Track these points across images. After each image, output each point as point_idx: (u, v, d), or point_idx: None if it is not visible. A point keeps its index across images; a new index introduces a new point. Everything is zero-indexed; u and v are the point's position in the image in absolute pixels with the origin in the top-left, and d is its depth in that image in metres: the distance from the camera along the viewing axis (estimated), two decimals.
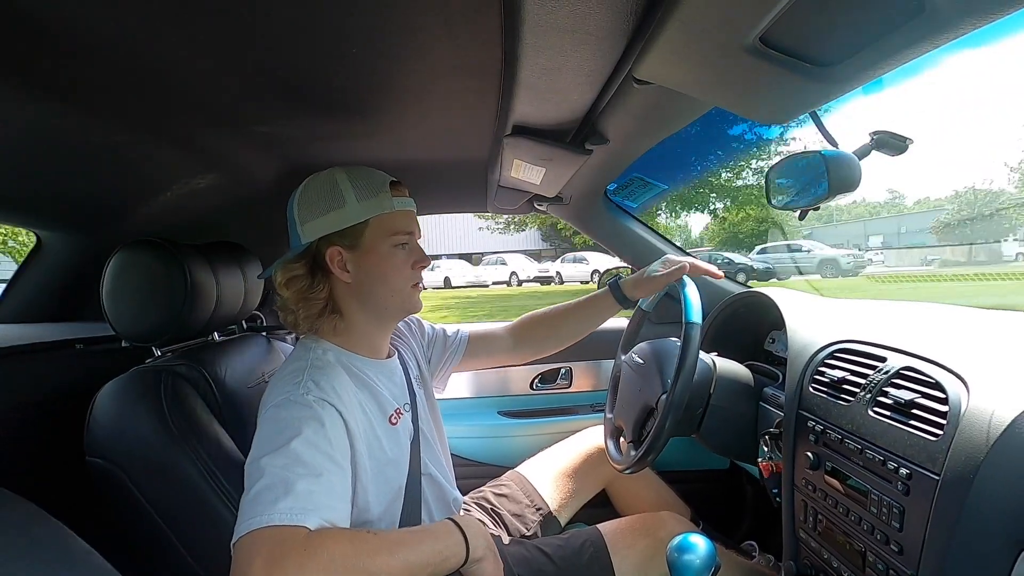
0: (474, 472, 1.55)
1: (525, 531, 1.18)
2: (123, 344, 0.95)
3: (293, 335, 1.53)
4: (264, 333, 1.28)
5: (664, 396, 0.96)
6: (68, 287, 1.29)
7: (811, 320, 0.98)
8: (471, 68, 0.76)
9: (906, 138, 0.76)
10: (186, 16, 0.60)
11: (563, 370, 1.71)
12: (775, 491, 0.92)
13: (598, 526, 1.08)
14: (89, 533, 0.56)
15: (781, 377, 1.04)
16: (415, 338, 1.14)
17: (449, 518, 0.79)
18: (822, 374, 0.84)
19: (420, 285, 0.94)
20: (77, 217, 1.17)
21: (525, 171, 1.09)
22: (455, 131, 1.04)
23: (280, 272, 0.87)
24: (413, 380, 1.02)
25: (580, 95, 0.78)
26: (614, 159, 1.14)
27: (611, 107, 0.82)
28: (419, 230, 0.94)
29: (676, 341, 0.99)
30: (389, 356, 0.98)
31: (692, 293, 0.98)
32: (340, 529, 0.67)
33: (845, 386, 0.79)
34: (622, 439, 1.18)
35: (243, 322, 1.25)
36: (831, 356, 0.86)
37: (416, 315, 1.03)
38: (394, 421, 0.89)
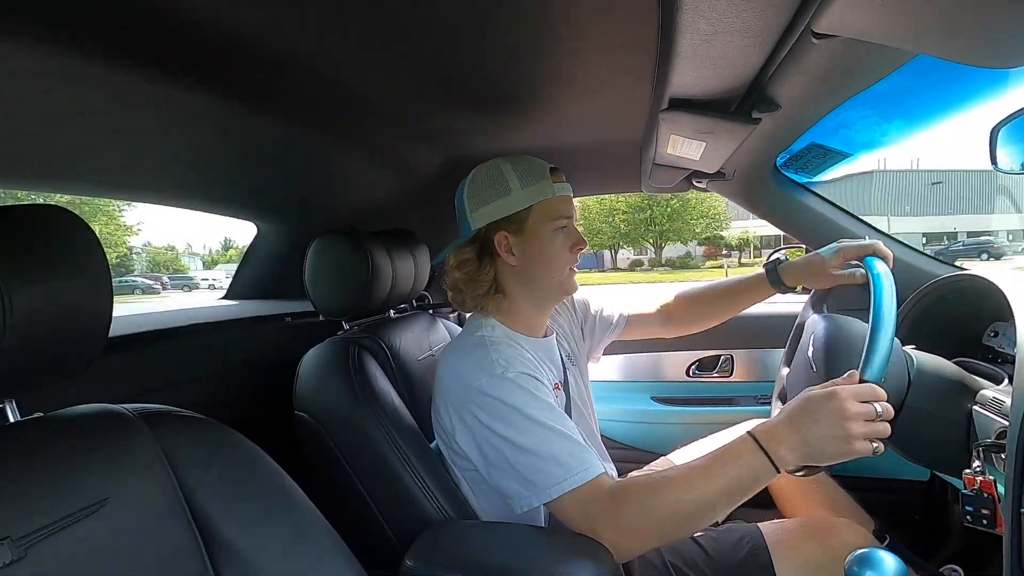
0: (624, 456, 1.54)
1: None
2: (321, 318, 1.12)
3: (456, 313, 1.67)
4: (431, 311, 1.41)
5: None
6: (280, 270, 1.55)
7: None
8: (626, 44, 0.74)
9: None
10: (366, 32, 0.68)
11: (724, 358, 1.61)
12: (969, 508, 0.77)
13: (759, 524, 1.00)
14: (297, 477, 0.68)
15: (1006, 378, 0.86)
16: (568, 317, 1.17)
17: (748, 432, 0.75)
18: None
19: (576, 268, 0.99)
20: (285, 210, 1.40)
21: (683, 147, 1.03)
22: (609, 111, 1.03)
23: (453, 255, 0.96)
24: (565, 359, 1.05)
25: (747, 59, 0.71)
26: (786, 127, 1.02)
27: (783, 69, 0.74)
28: (576, 213, 0.99)
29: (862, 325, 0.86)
30: (547, 335, 1.02)
31: (885, 275, 0.85)
32: (634, 479, 0.79)
33: None
34: None
35: (413, 301, 1.39)
36: None
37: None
38: (555, 396, 0.93)
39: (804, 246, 1.53)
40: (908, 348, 0.94)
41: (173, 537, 0.53)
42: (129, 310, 1.33)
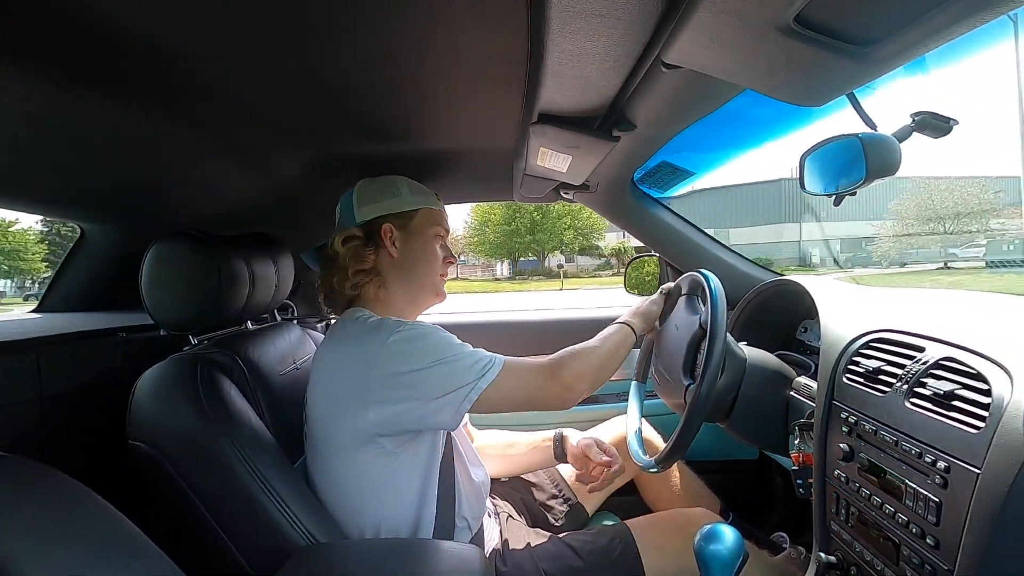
0: None
1: (552, 520, 1.19)
2: (162, 333, 0.98)
3: (324, 323, 1.57)
4: (296, 322, 1.31)
5: (690, 386, 0.95)
6: (111, 277, 1.34)
7: (845, 309, 0.96)
8: (497, 55, 0.75)
9: (950, 119, 0.73)
10: (220, 15, 0.62)
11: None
12: (799, 482, 0.90)
13: (628, 522, 1.07)
14: (134, 515, 0.59)
15: (813, 367, 1.01)
16: None
17: (621, 322, 1.07)
18: (856, 364, 0.82)
19: (446, 277, 1.08)
20: (117, 210, 1.21)
21: (551, 159, 1.08)
22: (481, 120, 1.04)
23: (339, 235, 1.00)
24: None
25: (607, 81, 0.77)
26: (641, 146, 1.12)
27: (639, 93, 0.81)
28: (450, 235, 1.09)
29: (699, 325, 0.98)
30: None
31: (717, 287, 0.97)
32: (559, 353, 0.97)
33: (881, 376, 0.77)
34: (646, 438, 1.18)
35: (275, 311, 1.29)
36: (866, 346, 0.83)
37: None
38: None
39: (656, 254, 1.68)
40: (741, 344, 1.07)
41: None
42: None
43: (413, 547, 0.85)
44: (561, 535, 1.06)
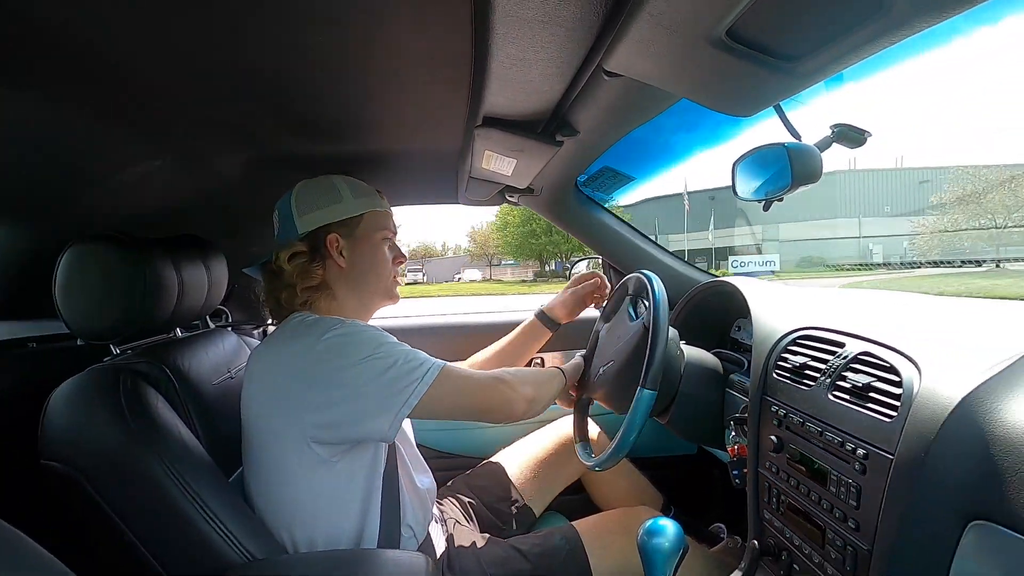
0: (449, 464, 1.56)
1: (500, 523, 1.19)
2: (79, 342, 0.91)
3: (261, 330, 1.51)
4: (231, 328, 1.25)
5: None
6: (21, 282, 1.23)
7: (775, 308, 1.01)
8: (441, 57, 0.75)
9: (864, 131, 0.79)
10: (146, 4, 0.58)
11: (534, 360, 1.72)
12: (735, 473, 0.95)
13: (575, 524, 1.09)
14: (49, 540, 0.54)
15: (746, 364, 1.07)
16: None
17: (557, 368, 1.14)
18: (785, 360, 0.86)
19: (399, 279, 1.05)
20: (27, 210, 1.11)
21: (496, 162, 1.08)
22: (425, 121, 1.03)
23: (284, 251, 0.96)
24: None
25: (551, 86, 0.78)
26: (584, 150, 1.14)
27: (581, 99, 0.83)
28: (398, 234, 1.08)
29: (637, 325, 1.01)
30: None
31: (659, 287, 1.00)
32: (502, 371, 0.99)
33: (807, 371, 0.81)
34: (592, 437, 1.20)
35: (208, 318, 1.22)
36: (794, 343, 0.89)
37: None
38: None
39: (600, 256, 1.72)
40: (681, 343, 1.11)
41: None
42: None
43: (357, 558, 0.82)
44: (508, 539, 1.06)
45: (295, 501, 0.86)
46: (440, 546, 1.02)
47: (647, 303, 1.02)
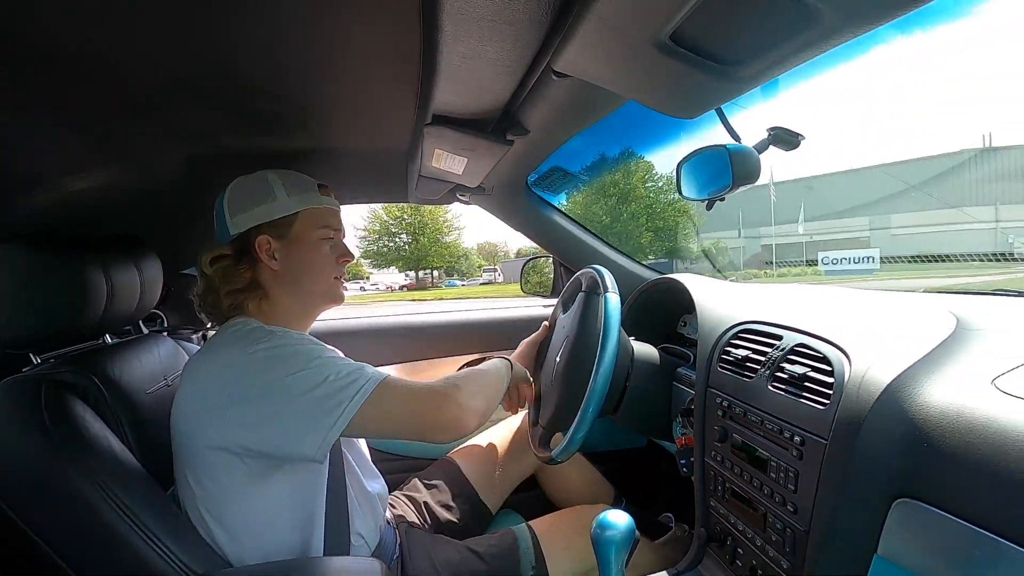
0: (401, 467, 1.53)
1: (455, 521, 1.18)
2: None
3: (199, 333, 1.43)
4: (166, 333, 1.18)
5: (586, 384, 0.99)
6: None
7: (719, 303, 1.05)
8: (389, 54, 0.73)
9: (798, 134, 0.83)
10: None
11: (488, 360, 1.72)
12: (683, 463, 0.98)
13: (531, 523, 1.09)
14: None
15: (692, 358, 1.10)
16: None
17: (504, 357, 1.14)
18: (728, 353, 0.90)
19: (343, 278, 0.99)
20: None
21: (447, 161, 1.08)
22: (374, 119, 1.01)
23: (207, 254, 0.91)
24: None
25: (500, 85, 0.78)
26: (534, 150, 1.15)
27: (531, 98, 0.83)
28: (344, 231, 1.00)
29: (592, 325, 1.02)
30: None
31: (610, 281, 1.02)
32: (446, 379, 0.93)
33: (748, 363, 0.85)
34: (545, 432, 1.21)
35: (140, 322, 1.15)
36: (736, 336, 0.92)
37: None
38: None
39: (551, 255, 1.74)
40: (631, 339, 1.14)
41: None
42: None
43: (307, 567, 0.80)
44: (464, 540, 1.05)
45: (234, 515, 0.81)
46: (393, 551, 1.00)
47: (599, 297, 1.04)
